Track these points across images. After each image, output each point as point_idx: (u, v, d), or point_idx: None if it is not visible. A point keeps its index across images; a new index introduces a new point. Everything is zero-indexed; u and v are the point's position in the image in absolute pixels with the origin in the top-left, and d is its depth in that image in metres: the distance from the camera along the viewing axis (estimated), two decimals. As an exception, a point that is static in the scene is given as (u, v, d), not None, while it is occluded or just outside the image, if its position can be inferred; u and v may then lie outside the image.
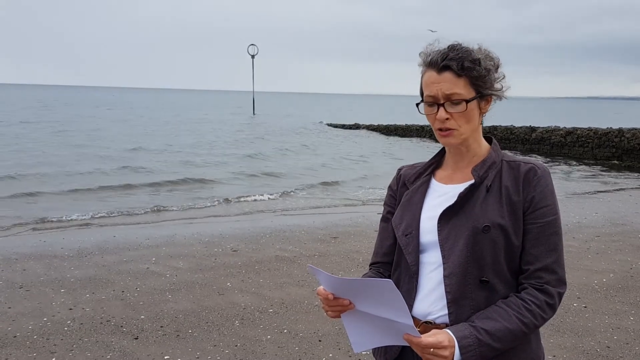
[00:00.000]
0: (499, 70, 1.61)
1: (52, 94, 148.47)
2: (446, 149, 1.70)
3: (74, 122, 39.16)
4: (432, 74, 1.56)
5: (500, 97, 1.62)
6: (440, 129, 1.57)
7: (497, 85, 1.60)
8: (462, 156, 1.65)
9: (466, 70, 1.52)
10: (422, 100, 1.61)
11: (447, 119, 1.54)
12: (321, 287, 1.50)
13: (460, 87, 1.53)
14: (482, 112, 1.60)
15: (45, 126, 34.72)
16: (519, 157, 1.64)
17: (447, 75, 1.53)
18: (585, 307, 5.21)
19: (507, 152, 1.68)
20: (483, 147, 1.65)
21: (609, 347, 4.35)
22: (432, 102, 1.56)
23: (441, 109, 1.54)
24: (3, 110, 51.94)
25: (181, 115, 53.97)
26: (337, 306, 1.49)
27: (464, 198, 1.57)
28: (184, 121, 45.15)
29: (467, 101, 1.53)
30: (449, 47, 1.56)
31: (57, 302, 5.28)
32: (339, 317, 1.53)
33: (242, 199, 12.31)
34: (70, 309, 5.12)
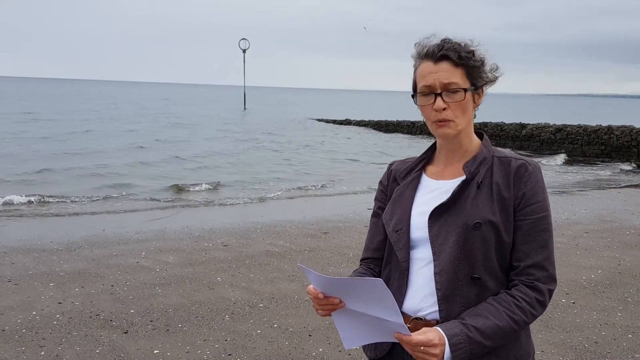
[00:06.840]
0: (488, 63, 1.62)
1: (53, 87, 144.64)
2: (437, 144, 1.70)
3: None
4: (428, 65, 1.56)
5: (493, 81, 1.62)
6: (437, 120, 1.56)
7: (490, 76, 1.61)
8: (453, 151, 1.64)
9: (464, 60, 1.54)
10: (415, 92, 1.61)
11: (444, 109, 1.54)
12: (311, 286, 1.50)
13: (457, 77, 1.54)
14: (475, 106, 1.61)
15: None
16: (510, 153, 1.64)
17: (445, 65, 1.54)
18: (573, 303, 5.25)
19: (497, 147, 1.68)
20: (474, 142, 1.65)
21: (597, 343, 4.39)
22: (429, 92, 1.55)
23: (438, 98, 1.54)
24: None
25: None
26: (328, 305, 1.49)
27: (456, 195, 1.57)
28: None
29: (465, 90, 1.54)
30: (442, 40, 1.57)
31: (46, 296, 5.25)
32: (330, 315, 1.53)
33: (232, 197, 12.26)
34: (60, 302, 5.09)
